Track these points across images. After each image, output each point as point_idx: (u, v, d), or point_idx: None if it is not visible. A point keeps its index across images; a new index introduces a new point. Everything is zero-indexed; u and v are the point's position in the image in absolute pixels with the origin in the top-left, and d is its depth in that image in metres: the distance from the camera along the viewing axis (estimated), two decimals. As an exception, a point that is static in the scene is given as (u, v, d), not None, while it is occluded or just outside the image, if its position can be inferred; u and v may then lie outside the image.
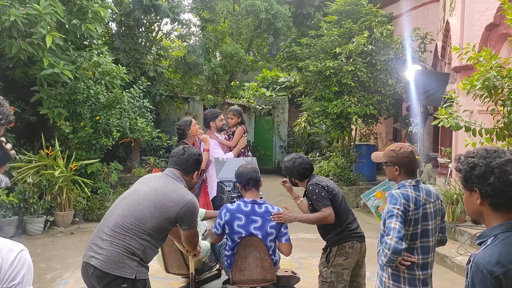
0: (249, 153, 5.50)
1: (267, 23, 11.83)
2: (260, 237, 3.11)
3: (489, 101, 2.60)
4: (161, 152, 11.81)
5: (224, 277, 3.50)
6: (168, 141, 11.80)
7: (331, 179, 10.26)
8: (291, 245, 3.28)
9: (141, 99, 8.79)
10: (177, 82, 11.74)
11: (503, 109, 2.54)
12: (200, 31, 12.74)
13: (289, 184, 3.59)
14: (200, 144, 5.24)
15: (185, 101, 13.00)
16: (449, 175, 7.35)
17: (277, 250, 3.35)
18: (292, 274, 3.40)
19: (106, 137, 7.75)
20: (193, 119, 5.12)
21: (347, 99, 8.99)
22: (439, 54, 9.02)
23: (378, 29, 9.00)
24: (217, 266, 3.60)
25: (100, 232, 2.51)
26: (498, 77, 2.48)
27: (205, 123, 5.40)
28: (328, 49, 9.23)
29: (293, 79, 15.64)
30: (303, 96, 10.79)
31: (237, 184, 3.37)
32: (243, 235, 3.10)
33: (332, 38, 9.12)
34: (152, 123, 9.18)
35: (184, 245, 2.94)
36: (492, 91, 2.47)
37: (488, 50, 2.63)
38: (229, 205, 3.24)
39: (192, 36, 12.33)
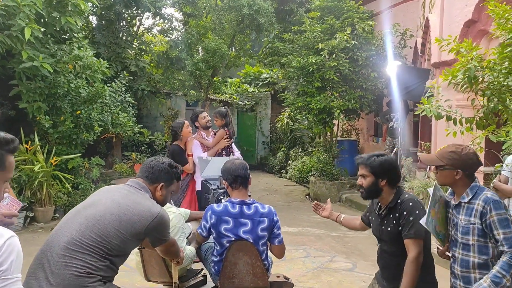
0: (235, 152, 5.50)
1: (250, 19, 11.82)
2: (251, 241, 2.81)
3: (469, 91, 2.67)
4: (143, 147, 11.71)
5: (210, 283, 3.21)
6: (150, 137, 11.70)
7: (313, 174, 10.37)
8: (284, 247, 2.98)
9: (123, 93, 8.69)
10: (159, 77, 11.65)
11: (483, 99, 2.61)
12: (182, 26, 12.65)
13: (327, 207, 3.03)
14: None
15: (167, 96, 12.91)
16: (429, 169, 7.49)
17: (269, 254, 3.05)
18: (285, 280, 3.14)
19: (88, 132, 7.64)
20: (186, 121, 5.27)
21: (329, 94, 9.07)
22: (419, 51, 9.18)
23: (360, 25, 9.10)
24: (202, 271, 3.37)
25: (48, 253, 2.06)
26: (479, 67, 2.55)
27: (193, 125, 5.48)
28: (311, 45, 9.28)
29: (275, 75, 15.69)
30: (285, 92, 10.84)
31: (224, 181, 3.01)
32: (232, 238, 2.80)
33: (315, 34, 9.17)
34: (134, 118, 9.08)
35: (163, 256, 2.70)
36: (473, 81, 2.54)
37: (469, 42, 2.70)
38: (215, 206, 2.91)
39: (174, 31, 12.25)
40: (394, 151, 9.07)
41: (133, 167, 11.09)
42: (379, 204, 2.60)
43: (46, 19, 6.93)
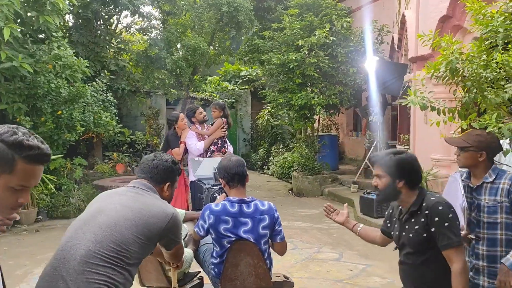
0: (228, 146, 5.60)
1: (229, 16, 11.87)
2: (252, 240, 2.68)
3: (451, 83, 2.82)
4: (124, 147, 11.63)
5: (207, 286, 3.12)
6: (131, 136, 11.63)
7: (295, 169, 10.51)
8: (286, 243, 2.87)
9: (104, 92, 8.62)
10: (139, 76, 11.57)
11: (464, 90, 2.77)
12: (161, 24, 12.59)
13: (342, 212, 2.73)
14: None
15: (148, 95, 12.83)
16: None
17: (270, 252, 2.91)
18: (285, 279, 3.04)
19: (69, 132, 7.56)
20: (181, 114, 5.63)
21: (310, 91, 9.22)
22: (396, 46, 9.42)
23: (338, 22, 9.28)
24: (199, 274, 3.26)
25: (62, 270, 1.83)
26: (459, 60, 2.70)
27: (189, 120, 5.65)
28: (291, 41, 9.40)
29: (255, 73, 15.78)
30: (267, 89, 10.94)
31: (220, 180, 2.87)
32: (233, 238, 2.67)
33: (294, 31, 9.30)
34: (117, 117, 9.02)
35: (168, 260, 2.51)
36: (454, 73, 2.69)
37: (450, 36, 2.85)
38: (213, 205, 2.76)
39: (153, 29, 12.18)
40: (374, 145, 9.30)
41: (115, 167, 11.01)
42: (400, 208, 2.33)
43: (24, 19, 6.83)
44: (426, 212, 2.15)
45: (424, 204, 2.18)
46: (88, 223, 1.98)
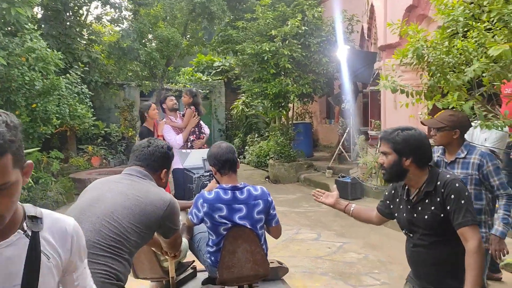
0: (203, 128, 5.75)
1: (202, 7, 11.90)
2: (249, 226, 2.64)
3: (418, 68, 3.07)
4: (98, 140, 11.56)
5: (200, 275, 3.06)
6: (105, 129, 11.57)
7: (271, 157, 10.76)
8: (280, 227, 2.85)
9: (78, 85, 8.57)
10: (111, 68, 11.48)
11: (429, 74, 3.03)
12: (132, 15, 12.49)
13: (332, 194, 2.58)
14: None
15: (121, 87, 12.75)
16: (380, 144, 8.07)
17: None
18: (279, 265, 3.01)
19: (45, 125, 7.51)
20: (153, 104, 5.57)
21: (284, 80, 9.43)
22: (365, 35, 9.73)
23: (309, 11, 9.49)
24: (192, 264, 3.19)
25: None
26: (425, 47, 2.95)
27: (161, 107, 5.73)
28: (264, 32, 9.57)
29: (228, 63, 15.86)
30: (241, 79, 11.08)
31: (211, 167, 2.81)
32: (229, 225, 2.62)
33: (267, 21, 9.47)
34: (92, 110, 8.98)
35: (166, 250, 2.44)
36: (420, 59, 2.94)
37: (416, 25, 3.09)
38: (206, 193, 2.69)
39: (124, 20, 12.09)
40: (346, 131, 9.63)
41: (90, 160, 10.97)
42: (406, 188, 2.18)
43: (-6, 11, 6.70)
44: (442, 190, 2.03)
45: (439, 183, 2.05)
46: (84, 212, 1.92)
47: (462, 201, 2.00)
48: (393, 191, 2.31)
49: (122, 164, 11.52)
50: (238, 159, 2.83)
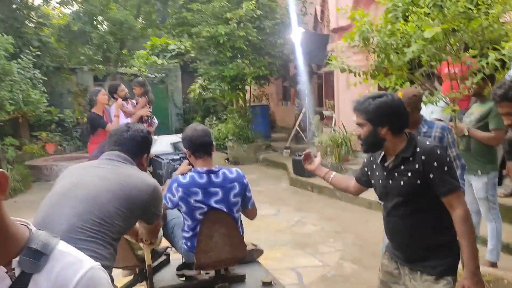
0: (154, 120, 5.88)
1: (155, -12, 11.73)
2: (225, 210, 2.59)
3: (365, 50, 3.35)
4: (52, 127, 11.27)
5: (174, 262, 3.02)
6: (59, 115, 11.28)
7: (230, 139, 10.95)
8: (256, 208, 2.84)
9: (31, 70, 8.32)
10: (63, 52, 11.15)
11: (374, 55, 3.31)
12: (82, -3, 12.12)
13: (313, 160, 2.50)
14: (109, 113, 5.51)
15: (73, 72, 12.41)
16: (334, 124, 8.47)
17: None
18: (254, 247, 3.03)
19: (-3, 112, 7.30)
20: (102, 89, 5.52)
21: (241, 62, 9.58)
22: (319, 18, 10.03)
23: (264, -6, 9.64)
24: (166, 250, 3.09)
25: None
26: (370, 30, 3.22)
27: (112, 97, 5.71)
28: (219, 14, 9.62)
29: (183, 46, 15.72)
30: (198, 62, 11.10)
31: (185, 150, 2.72)
32: (205, 209, 2.56)
33: (222, 3, 9.52)
34: (46, 95, 8.76)
35: (145, 237, 2.37)
36: (366, 42, 3.21)
37: (361, 10, 3.35)
38: (180, 177, 2.60)
39: (74, 2, 11.70)
40: (302, 112, 9.96)
41: (44, 147, 10.70)
42: (382, 154, 2.10)
43: None
44: (423, 157, 1.94)
45: (418, 150, 1.97)
46: (65, 197, 1.84)
47: (445, 168, 1.93)
48: (371, 158, 2.22)
49: (78, 150, 11.33)
50: (214, 142, 2.77)
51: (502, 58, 2.93)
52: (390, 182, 2.06)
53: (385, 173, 2.09)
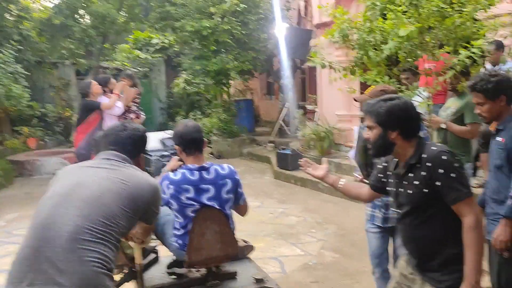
0: (142, 113, 5.94)
1: (137, -18, 11.66)
2: (217, 207, 2.57)
3: (344, 46, 3.48)
4: (34, 121, 11.16)
5: (163, 259, 2.98)
6: (41, 110, 11.18)
7: (215, 133, 11.02)
8: (247, 204, 2.81)
9: (12, 64, 8.23)
10: (44, 46, 11.03)
11: (353, 52, 3.44)
12: (64, -10, 11.98)
13: (322, 167, 2.41)
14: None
15: (54, 66, 12.27)
16: (318, 118, 8.61)
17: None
18: (245, 243, 3.00)
19: (-22, 107, 7.22)
20: (92, 81, 5.56)
21: (225, 57, 9.64)
22: (302, 13, 10.14)
23: (248, -11, 9.71)
24: (155, 248, 3.05)
25: (46, 250, 1.62)
26: (349, 27, 3.34)
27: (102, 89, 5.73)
28: (203, 8, 9.66)
29: (167, 40, 15.66)
30: (181, 56, 11.12)
31: (176, 147, 2.68)
32: (197, 207, 2.54)
33: (206, -3, 9.56)
34: (28, 90, 8.68)
35: (139, 236, 2.33)
36: (345, 38, 3.34)
37: (341, 8, 3.47)
38: (171, 175, 2.57)
39: (55, -5, 11.57)
40: (286, 106, 10.09)
41: (26, 142, 10.60)
42: (395, 160, 2.05)
43: None
44: (428, 164, 1.87)
45: (424, 156, 1.89)
46: (68, 197, 1.78)
47: (452, 175, 1.83)
48: (385, 164, 2.16)
49: (60, 145, 11.25)
50: (205, 139, 2.71)
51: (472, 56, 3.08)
52: (401, 190, 2.00)
53: (397, 181, 2.03)
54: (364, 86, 3.68)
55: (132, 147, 2.06)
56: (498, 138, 2.52)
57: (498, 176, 2.51)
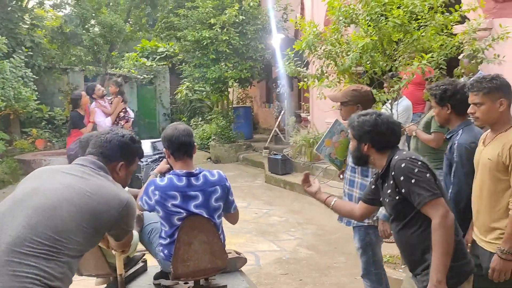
0: (130, 113, 6.38)
1: (144, -7, 12.20)
2: (205, 215, 2.44)
3: (312, 56, 3.86)
4: (42, 124, 11.68)
5: (151, 269, 2.88)
6: (49, 113, 11.70)
7: (213, 139, 11.42)
8: (238, 212, 2.72)
9: (23, 68, 8.74)
10: (55, 53, 11.58)
11: (321, 61, 3.82)
12: (75, 0, 12.57)
13: (313, 184, 2.43)
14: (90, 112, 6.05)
15: (64, 72, 12.83)
16: (311, 126, 8.96)
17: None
18: (237, 255, 2.92)
19: (-11, 108, 7.72)
20: (83, 92, 6.15)
21: (223, 65, 10.07)
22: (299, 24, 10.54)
23: (246, 1, 10.16)
24: (143, 257, 2.96)
25: None
26: (316, 40, 3.72)
27: (90, 97, 6.25)
28: (204, 19, 10.12)
29: (172, 49, 16.21)
30: (183, 64, 11.58)
31: (165, 150, 2.58)
32: (184, 215, 2.41)
33: (207, 9, 10.02)
34: (37, 93, 9.18)
35: (115, 249, 2.25)
36: (312, 49, 3.71)
37: (310, 21, 3.85)
38: (157, 180, 2.47)
39: (67, 5, 12.15)
40: (281, 113, 10.46)
41: (34, 143, 11.11)
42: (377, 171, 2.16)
43: None
44: (392, 173, 1.97)
45: (390, 165, 2.01)
46: (20, 204, 1.64)
47: (412, 180, 1.90)
48: (376, 176, 2.21)
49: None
50: (196, 143, 2.64)
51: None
52: (384, 199, 2.11)
53: (381, 191, 2.14)
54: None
55: (109, 151, 1.94)
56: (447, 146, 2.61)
57: (447, 183, 2.55)
